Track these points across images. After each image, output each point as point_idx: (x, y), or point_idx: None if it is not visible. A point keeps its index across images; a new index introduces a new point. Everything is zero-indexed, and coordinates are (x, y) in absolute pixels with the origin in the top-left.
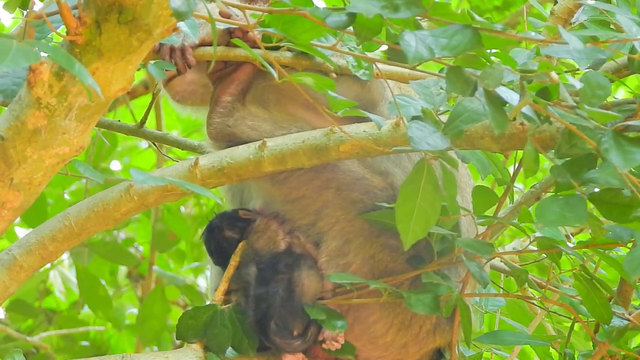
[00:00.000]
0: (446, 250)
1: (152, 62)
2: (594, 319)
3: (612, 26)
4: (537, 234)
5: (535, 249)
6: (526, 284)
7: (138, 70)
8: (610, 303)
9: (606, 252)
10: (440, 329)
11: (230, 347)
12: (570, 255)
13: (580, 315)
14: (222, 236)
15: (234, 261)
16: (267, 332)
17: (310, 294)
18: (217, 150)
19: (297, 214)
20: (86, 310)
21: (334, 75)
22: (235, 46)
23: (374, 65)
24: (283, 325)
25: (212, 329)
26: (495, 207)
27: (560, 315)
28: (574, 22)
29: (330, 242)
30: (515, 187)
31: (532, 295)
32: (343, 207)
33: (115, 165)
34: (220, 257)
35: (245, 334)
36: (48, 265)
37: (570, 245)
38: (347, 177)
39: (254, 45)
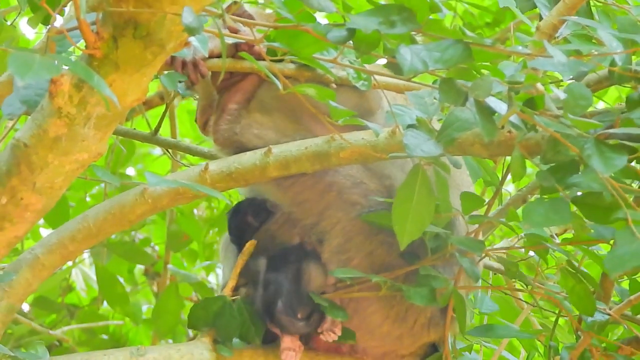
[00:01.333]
0: (440, 247)
1: (165, 73)
2: (577, 314)
3: (594, 41)
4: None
5: (523, 249)
6: (516, 277)
7: (152, 81)
8: (594, 296)
9: (589, 248)
10: (434, 323)
11: (238, 337)
12: (556, 254)
13: (564, 311)
14: (244, 220)
15: (241, 259)
16: (274, 310)
17: (315, 285)
18: (224, 156)
19: (302, 215)
20: (105, 306)
21: (334, 85)
22: (242, 59)
23: (372, 77)
24: (289, 306)
25: (221, 319)
26: (485, 208)
27: (545, 310)
28: (558, 37)
29: (332, 240)
30: (505, 189)
31: (520, 289)
32: (344, 208)
33: (130, 172)
34: (237, 237)
35: (253, 323)
36: (70, 264)
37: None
38: (347, 181)
39: (259, 57)
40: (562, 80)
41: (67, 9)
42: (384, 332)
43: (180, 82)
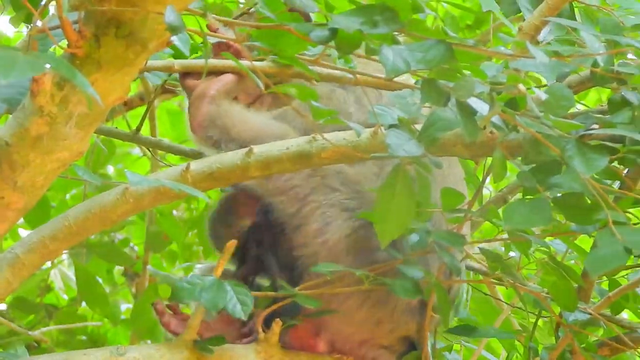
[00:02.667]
0: (421, 243)
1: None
2: (557, 315)
3: (576, 44)
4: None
5: (503, 248)
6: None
7: (134, 81)
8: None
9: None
10: (414, 311)
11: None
12: (536, 254)
13: (544, 312)
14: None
15: (222, 260)
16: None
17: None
18: (201, 146)
19: (287, 204)
20: (84, 306)
21: (315, 82)
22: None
23: (354, 75)
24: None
25: (208, 293)
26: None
27: (524, 310)
28: (541, 42)
29: (311, 225)
30: (487, 189)
31: (501, 282)
32: (325, 193)
33: (109, 171)
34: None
35: (240, 301)
36: (49, 265)
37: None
38: (330, 167)
39: (239, 57)
40: (545, 85)
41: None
42: (362, 316)
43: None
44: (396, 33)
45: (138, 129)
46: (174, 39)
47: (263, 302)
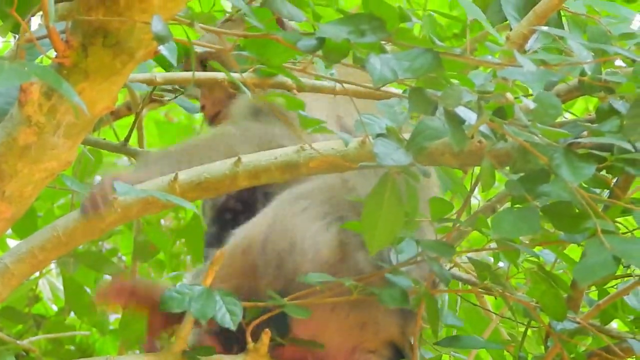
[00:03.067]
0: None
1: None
2: (546, 325)
3: (563, 53)
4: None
5: (492, 258)
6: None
7: (120, 90)
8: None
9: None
10: (396, 313)
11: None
12: (524, 264)
13: (533, 322)
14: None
15: (211, 269)
16: None
17: None
18: None
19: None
20: (72, 316)
21: (295, 92)
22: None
23: (341, 85)
24: None
25: (197, 302)
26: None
27: (513, 320)
28: (528, 50)
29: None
30: (476, 198)
31: (490, 292)
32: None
33: (97, 180)
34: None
35: (229, 311)
36: (37, 274)
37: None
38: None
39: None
40: (531, 94)
41: (35, 18)
42: (349, 323)
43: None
44: (383, 42)
45: (127, 139)
46: (161, 49)
47: (252, 312)
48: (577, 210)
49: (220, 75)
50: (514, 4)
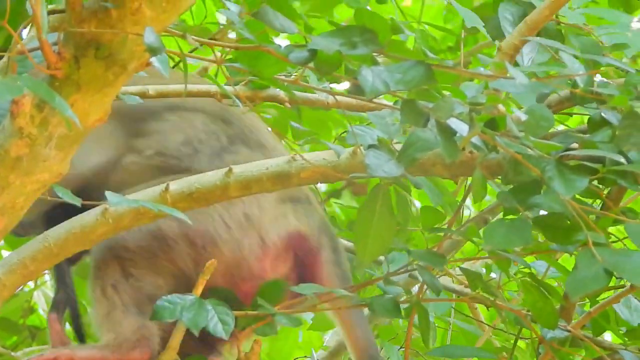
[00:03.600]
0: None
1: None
2: (537, 336)
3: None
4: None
5: (485, 269)
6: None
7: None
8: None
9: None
10: None
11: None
12: (516, 274)
13: (525, 331)
14: None
15: (202, 279)
16: None
17: None
18: None
19: None
20: (67, 328)
21: (288, 105)
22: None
23: (334, 97)
24: None
25: (189, 312)
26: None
27: (505, 332)
28: (528, 61)
29: None
30: (469, 209)
31: (482, 300)
32: None
33: None
34: None
35: (221, 320)
36: (32, 286)
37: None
38: None
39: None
40: (522, 108)
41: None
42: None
43: None
44: (375, 54)
45: None
46: (154, 60)
47: (243, 321)
48: (568, 222)
49: (213, 88)
50: (512, 22)
